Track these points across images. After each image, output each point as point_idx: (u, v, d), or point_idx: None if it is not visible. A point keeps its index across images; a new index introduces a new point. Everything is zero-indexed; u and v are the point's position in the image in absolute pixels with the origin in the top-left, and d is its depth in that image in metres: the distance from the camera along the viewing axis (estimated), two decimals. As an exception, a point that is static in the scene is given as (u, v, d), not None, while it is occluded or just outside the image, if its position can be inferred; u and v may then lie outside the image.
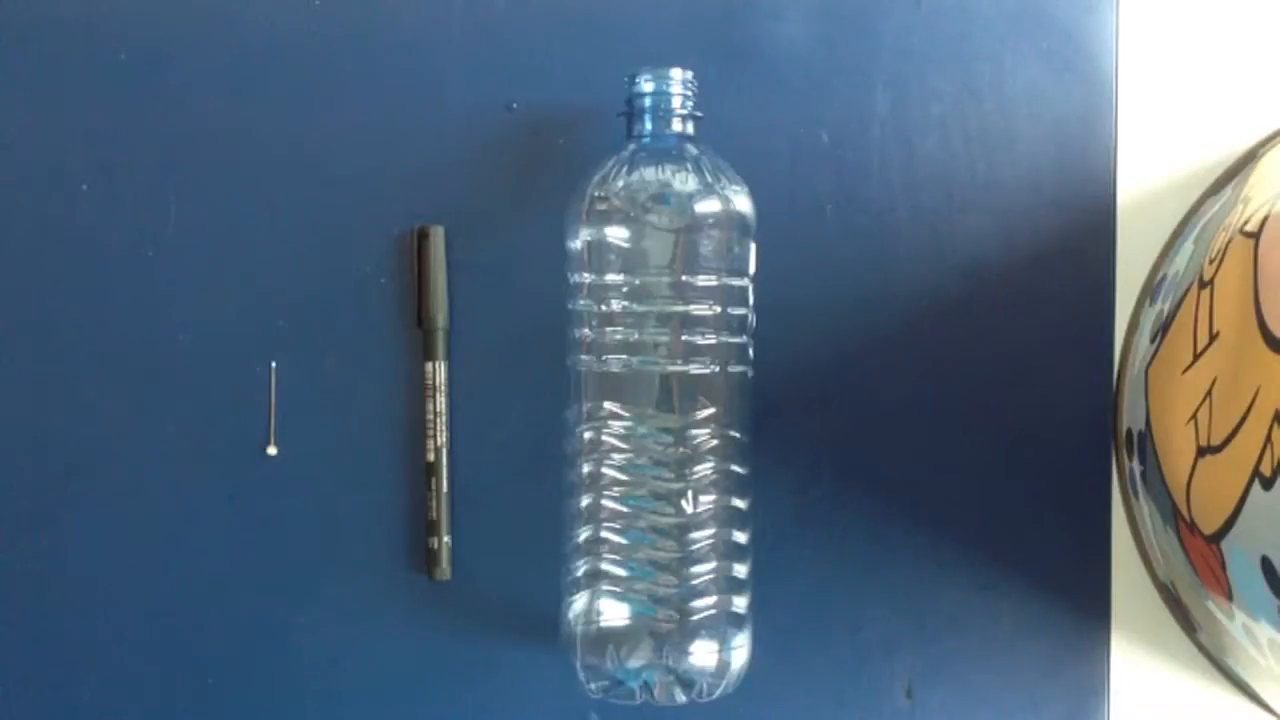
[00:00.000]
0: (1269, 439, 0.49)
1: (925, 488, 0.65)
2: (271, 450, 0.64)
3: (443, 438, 0.64)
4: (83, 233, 0.64)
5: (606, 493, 0.60)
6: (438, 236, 0.64)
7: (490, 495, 0.64)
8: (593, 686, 0.60)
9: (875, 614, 0.65)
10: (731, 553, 0.60)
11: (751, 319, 0.61)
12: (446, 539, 0.64)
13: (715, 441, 0.60)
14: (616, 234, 0.59)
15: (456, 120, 0.65)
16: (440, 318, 0.64)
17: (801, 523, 0.65)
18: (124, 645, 0.64)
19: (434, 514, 0.64)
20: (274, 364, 0.64)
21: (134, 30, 0.64)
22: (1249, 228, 0.54)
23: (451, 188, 0.64)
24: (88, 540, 0.64)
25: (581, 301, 0.60)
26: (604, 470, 0.60)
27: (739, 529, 0.61)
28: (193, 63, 0.64)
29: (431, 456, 0.64)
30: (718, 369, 0.59)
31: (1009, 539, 0.65)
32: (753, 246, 0.61)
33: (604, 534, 0.60)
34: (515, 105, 0.65)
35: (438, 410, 0.64)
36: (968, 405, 0.65)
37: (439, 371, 0.64)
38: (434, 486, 0.64)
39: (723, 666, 0.59)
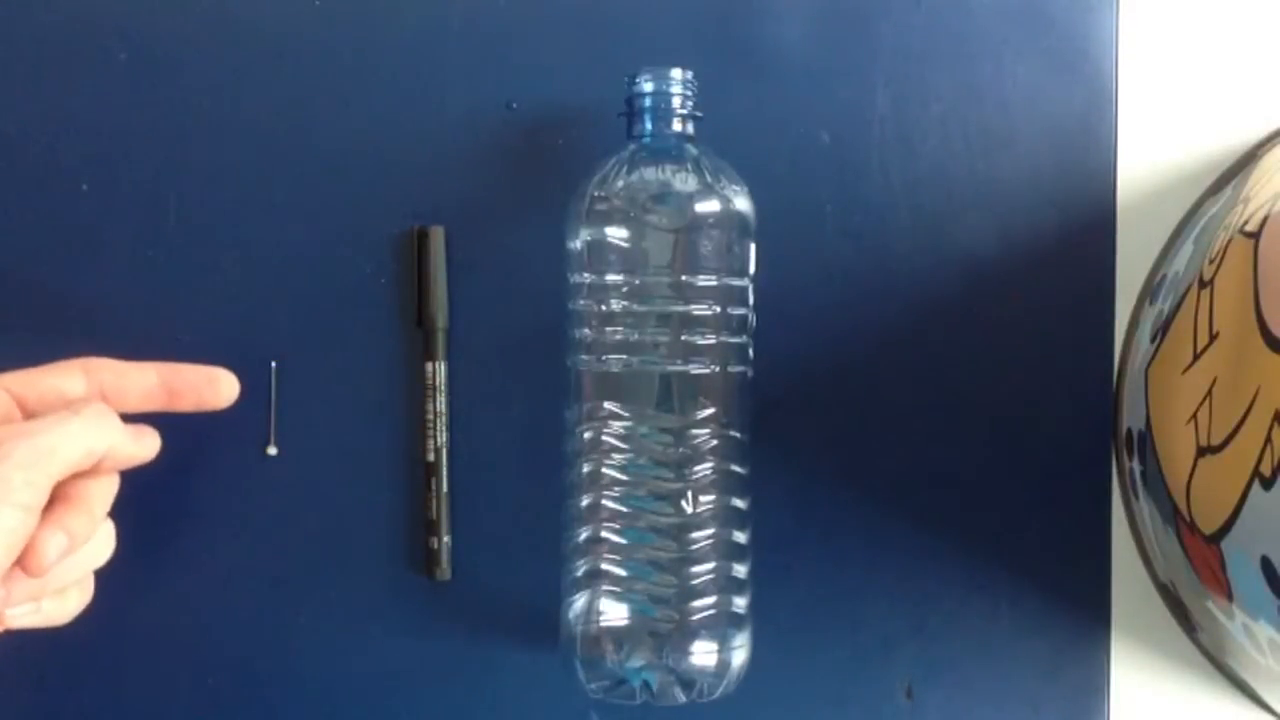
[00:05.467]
0: (1269, 439, 0.49)
1: (925, 487, 0.65)
2: (271, 450, 0.64)
3: (443, 438, 0.64)
4: (83, 232, 0.64)
5: (606, 493, 0.60)
6: (438, 237, 0.64)
7: (490, 495, 0.64)
8: (593, 686, 0.60)
9: (875, 614, 0.65)
10: (731, 553, 0.60)
11: (751, 319, 0.61)
12: (446, 539, 0.64)
13: (715, 441, 0.60)
14: (616, 234, 0.59)
15: (456, 120, 0.65)
16: (440, 318, 0.64)
17: (801, 523, 0.65)
18: (123, 645, 0.64)
19: (434, 514, 0.64)
20: (274, 364, 0.64)
21: (134, 30, 0.64)
22: (1249, 228, 0.54)
23: (451, 188, 0.64)
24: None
25: (581, 301, 0.60)
26: (604, 470, 0.60)
27: (739, 529, 0.61)
28: (193, 62, 0.64)
29: (431, 456, 0.64)
30: (717, 369, 0.59)
31: (1009, 539, 0.65)
32: (752, 246, 0.61)
33: (604, 534, 0.60)
34: (515, 105, 0.65)
35: (438, 410, 0.64)
36: (968, 405, 0.65)
37: (439, 371, 0.64)
38: (434, 486, 0.64)
39: (723, 666, 0.60)
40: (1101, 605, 0.65)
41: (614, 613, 0.60)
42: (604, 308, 0.59)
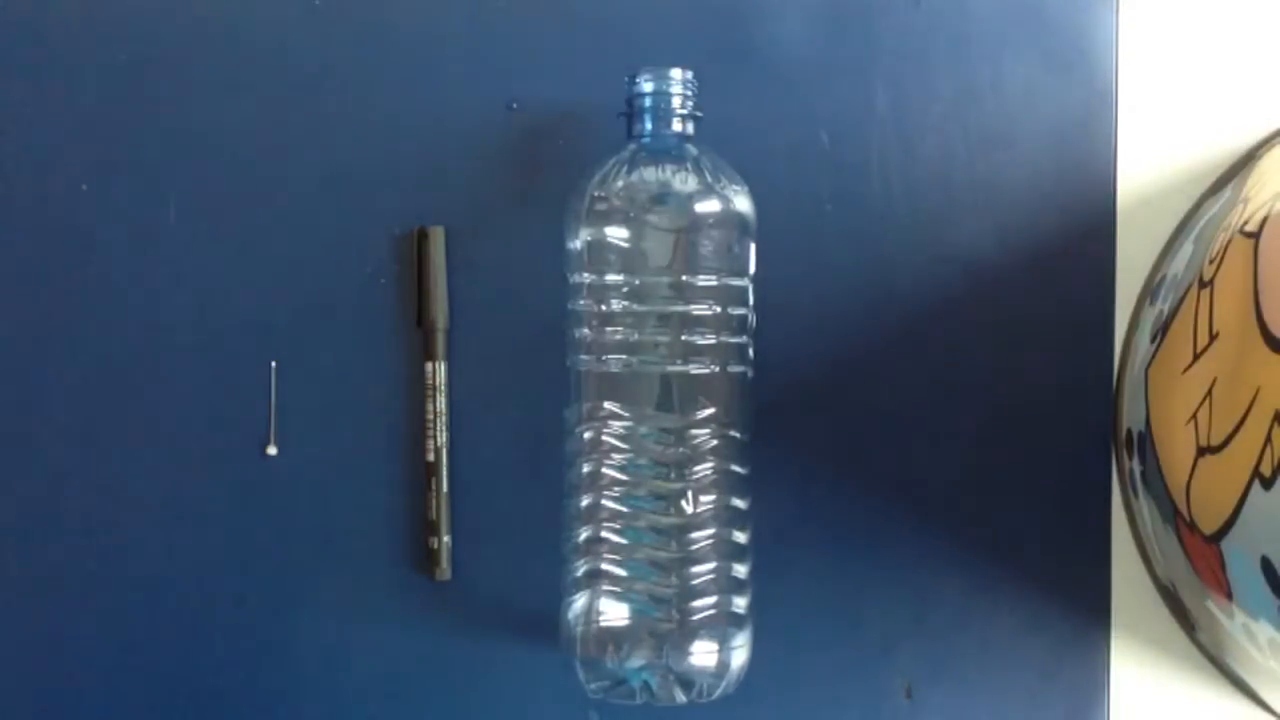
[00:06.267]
0: (1269, 439, 0.49)
1: (925, 487, 0.65)
2: (271, 450, 0.64)
3: (442, 438, 0.64)
4: (82, 233, 0.64)
5: (606, 493, 0.60)
6: (438, 237, 0.64)
7: (490, 495, 0.65)
8: (593, 686, 0.60)
9: (875, 614, 0.65)
10: (731, 553, 0.60)
11: (751, 319, 0.61)
12: (446, 539, 0.64)
13: (715, 441, 0.60)
14: (616, 234, 0.59)
15: (456, 121, 0.65)
16: (440, 318, 0.64)
17: (801, 523, 0.65)
18: (124, 645, 0.64)
19: (434, 514, 0.64)
20: (274, 364, 0.64)
21: (134, 30, 0.64)
22: (1249, 228, 0.54)
23: (452, 188, 0.64)
24: (87, 540, 0.64)
25: (581, 301, 0.60)
26: (604, 470, 0.60)
27: (739, 529, 0.61)
28: (193, 62, 0.64)
29: (431, 456, 0.64)
30: (717, 369, 0.59)
31: (1009, 539, 0.65)
32: (752, 246, 0.61)
33: (604, 534, 0.60)
34: (515, 105, 0.65)
35: (438, 410, 0.64)
36: (967, 405, 0.65)
37: (439, 371, 0.64)
38: (434, 486, 0.64)
39: (722, 666, 0.59)
40: (1101, 605, 0.65)
41: (614, 613, 0.60)
42: (604, 308, 0.59)
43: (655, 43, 0.65)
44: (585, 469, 0.60)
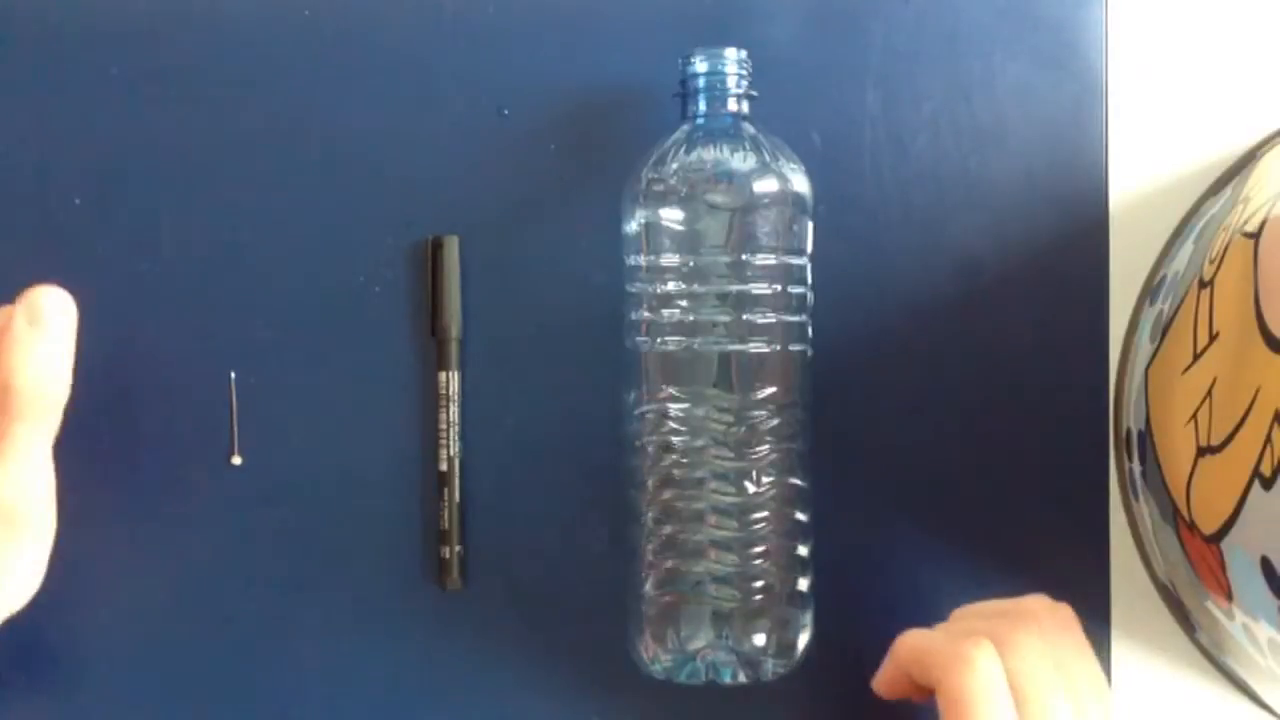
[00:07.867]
0: (1269, 439, 0.49)
1: (924, 488, 0.65)
2: (281, 459, 0.64)
3: (455, 447, 0.64)
4: (76, 247, 0.64)
5: (667, 474, 0.60)
6: (452, 246, 0.64)
7: (502, 505, 0.64)
8: (656, 667, 0.60)
9: (875, 613, 0.65)
10: (793, 532, 0.60)
11: (810, 297, 0.61)
12: (458, 549, 0.64)
13: (776, 420, 0.60)
14: (673, 215, 0.58)
15: (472, 129, 0.64)
16: (454, 328, 0.64)
17: (802, 524, 0.65)
18: (127, 653, 0.64)
19: (446, 524, 0.64)
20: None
21: (126, 43, 0.64)
22: (1249, 228, 0.55)
23: (466, 197, 0.64)
24: (99, 542, 0.64)
25: (639, 284, 0.60)
26: (664, 452, 0.60)
27: (801, 509, 0.61)
28: (187, 76, 0.64)
29: (444, 466, 0.64)
30: (778, 347, 0.59)
31: (1009, 539, 0.65)
32: (810, 225, 0.61)
33: (665, 516, 0.60)
34: (506, 112, 0.64)
35: (450, 420, 0.63)
36: (965, 405, 0.65)
37: (452, 381, 0.64)
38: (446, 496, 0.64)
39: (786, 646, 0.60)
40: (1101, 605, 0.66)
41: (676, 594, 0.59)
42: (662, 289, 0.59)
43: (645, 43, 0.65)
44: (647, 451, 0.60)
